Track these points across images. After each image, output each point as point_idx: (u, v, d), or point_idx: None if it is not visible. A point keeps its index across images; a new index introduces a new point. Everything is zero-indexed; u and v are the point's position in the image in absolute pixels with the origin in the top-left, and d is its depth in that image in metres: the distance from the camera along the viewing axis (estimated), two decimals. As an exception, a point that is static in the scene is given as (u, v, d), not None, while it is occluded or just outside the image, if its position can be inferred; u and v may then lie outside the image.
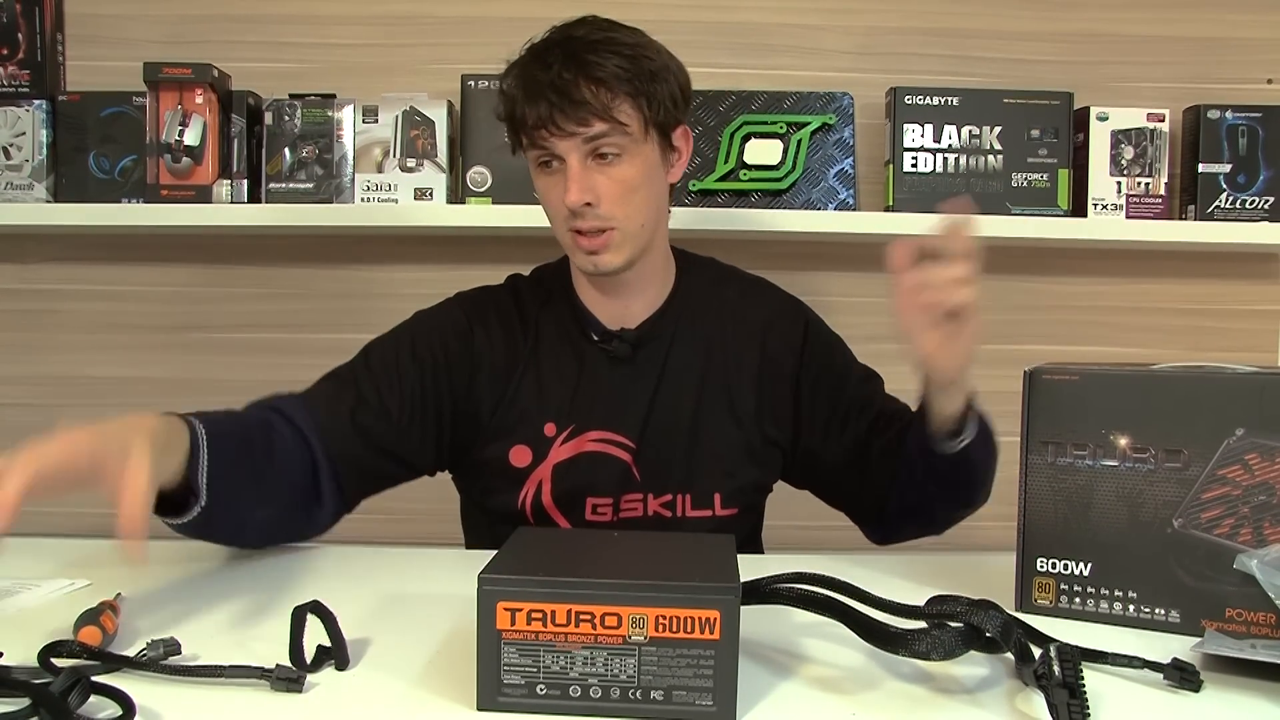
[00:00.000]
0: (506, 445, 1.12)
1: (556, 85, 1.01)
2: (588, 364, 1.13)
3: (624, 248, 1.07)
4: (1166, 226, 1.66)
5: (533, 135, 1.04)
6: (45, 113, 1.62)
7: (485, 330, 1.14)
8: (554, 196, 1.06)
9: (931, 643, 0.66)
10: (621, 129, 1.03)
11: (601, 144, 1.03)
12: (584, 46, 1.02)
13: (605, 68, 1.01)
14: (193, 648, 0.74)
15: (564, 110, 1.01)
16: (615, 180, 1.04)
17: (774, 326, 1.19)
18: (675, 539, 0.79)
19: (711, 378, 1.15)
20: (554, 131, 1.02)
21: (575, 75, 1.01)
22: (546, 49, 1.04)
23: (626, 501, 1.12)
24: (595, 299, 1.15)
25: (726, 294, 1.20)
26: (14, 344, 1.79)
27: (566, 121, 1.01)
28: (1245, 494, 0.78)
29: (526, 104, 1.03)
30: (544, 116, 1.01)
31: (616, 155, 1.04)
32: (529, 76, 1.03)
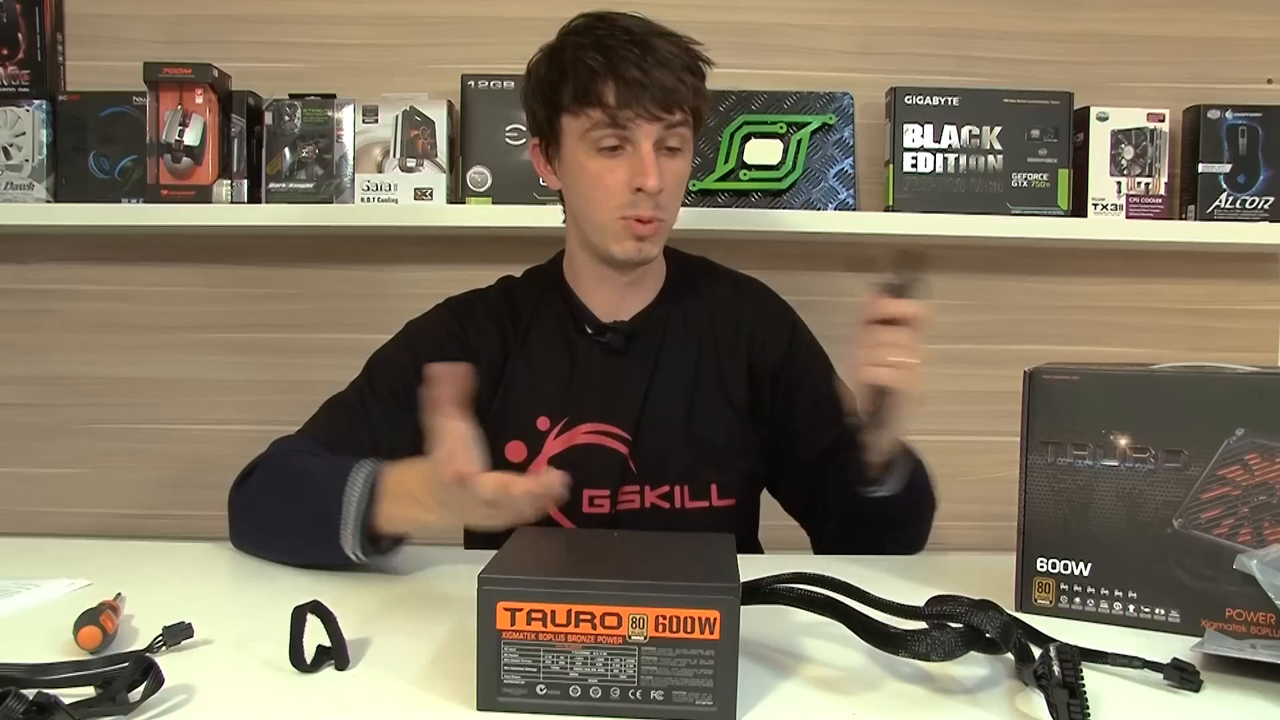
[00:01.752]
0: (501, 441, 1.12)
1: (643, 66, 1.00)
2: (580, 356, 1.14)
3: (662, 239, 1.10)
4: (1166, 226, 1.66)
5: (615, 114, 1.01)
6: (45, 113, 1.62)
7: (476, 327, 1.15)
8: (613, 180, 1.04)
9: (931, 643, 0.66)
10: (688, 123, 1.05)
11: (672, 134, 1.04)
12: (650, 34, 1.02)
13: (680, 60, 1.02)
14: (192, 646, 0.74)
15: (654, 94, 1.00)
16: (674, 173, 1.06)
17: (764, 324, 1.20)
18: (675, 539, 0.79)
19: (705, 369, 1.16)
20: (640, 113, 1.01)
21: (660, 62, 1.00)
22: (609, 33, 1.02)
23: (624, 493, 1.13)
24: (591, 292, 1.15)
25: (718, 289, 1.21)
26: (14, 344, 1.78)
27: (655, 105, 1.01)
28: (1245, 494, 0.78)
29: (613, 79, 1.00)
30: (632, 96, 1.00)
31: (678, 149, 1.06)
32: (615, 55, 1.00)
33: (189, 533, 1.73)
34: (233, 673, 0.70)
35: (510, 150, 1.63)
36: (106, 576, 0.93)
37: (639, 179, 1.03)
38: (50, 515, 1.79)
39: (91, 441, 1.79)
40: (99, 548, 1.11)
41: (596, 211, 1.07)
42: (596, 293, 1.16)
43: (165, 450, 1.79)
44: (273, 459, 1.05)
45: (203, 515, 1.75)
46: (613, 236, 1.08)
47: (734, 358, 1.17)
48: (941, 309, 1.80)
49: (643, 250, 1.07)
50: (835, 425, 1.16)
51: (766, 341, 1.19)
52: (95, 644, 0.71)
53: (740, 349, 1.18)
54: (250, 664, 0.71)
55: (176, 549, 1.09)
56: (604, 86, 1.01)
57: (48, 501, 1.79)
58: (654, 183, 1.02)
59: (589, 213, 1.08)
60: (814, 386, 1.19)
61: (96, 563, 0.99)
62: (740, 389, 1.17)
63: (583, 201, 1.08)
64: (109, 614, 0.74)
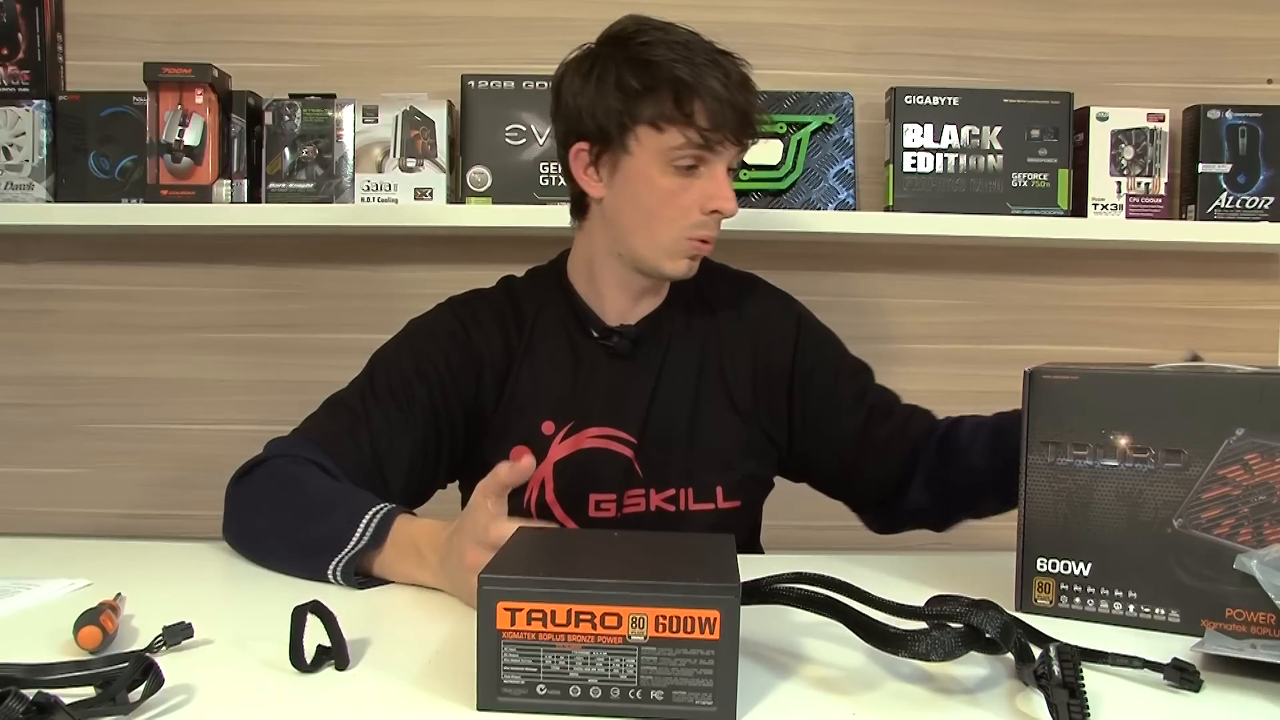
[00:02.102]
0: (506, 446, 1.12)
1: (729, 89, 1.01)
2: (585, 360, 1.13)
3: None
4: (1166, 226, 1.66)
5: (707, 135, 1.01)
6: (45, 113, 1.62)
7: (480, 330, 1.14)
8: (686, 200, 1.04)
9: (931, 643, 0.66)
10: None
11: (740, 158, 1.06)
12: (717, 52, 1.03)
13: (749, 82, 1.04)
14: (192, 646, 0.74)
15: (743, 121, 1.02)
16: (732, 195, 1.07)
17: (766, 323, 1.20)
18: (675, 539, 0.79)
19: (709, 372, 1.16)
20: (728, 138, 1.02)
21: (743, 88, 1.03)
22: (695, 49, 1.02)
23: (629, 497, 1.13)
24: (606, 297, 1.15)
25: (719, 290, 1.21)
26: (14, 344, 1.79)
27: (740, 130, 1.02)
28: (1245, 494, 0.78)
29: (709, 101, 1.00)
30: (727, 120, 1.01)
31: (734, 171, 1.07)
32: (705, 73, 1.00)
33: (189, 533, 1.73)
34: (233, 673, 0.70)
35: (510, 150, 1.63)
36: (106, 576, 0.93)
37: (716, 202, 1.03)
38: (50, 515, 1.79)
39: (91, 441, 1.79)
40: (99, 548, 1.11)
41: (661, 229, 1.06)
42: (610, 298, 1.14)
43: (165, 450, 1.79)
44: (279, 467, 1.02)
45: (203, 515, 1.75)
46: (668, 254, 1.07)
47: (738, 359, 1.17)
48: (941, 309, 1.80)
49: (693, 268, 1.10)
50: (860, 401, 1.18)
51: (772, 343, 1.18)
52: (95, 644, 0.71)
53: (745, 348, 1.17)
54: (250, 664, 0.71)
55: (176, 549, 1.09)
56: (697, 105, 1.00)
57: (48, 501, 1.79)
58: (732, 207, 1.04)
59: (652, 229, 1.06)
60: (833, 372, 1.20)
61: (96, 563, 0.99)
62: (745, 390, 1.17)
63: (645, 217, 1.06)
64: (109, 614, 0.74)
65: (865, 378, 1.22)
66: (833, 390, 1.18)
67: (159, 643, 0.72)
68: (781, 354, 1.18)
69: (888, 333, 1.79)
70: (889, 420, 1.18)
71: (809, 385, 1.18)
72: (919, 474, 1.16)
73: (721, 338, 1.17)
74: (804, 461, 1.21)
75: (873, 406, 1.18)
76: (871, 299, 1.79)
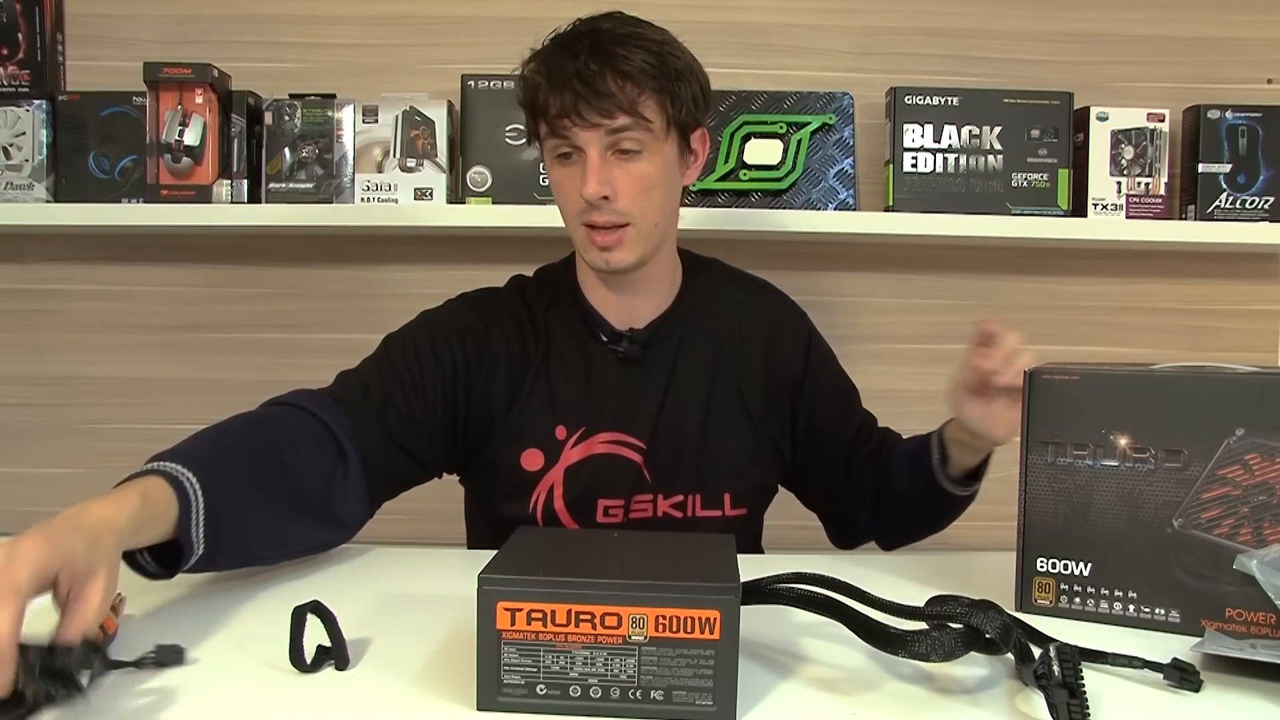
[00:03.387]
0: (518, 449, 1.11)
1: (583, 75, 0.99)
2: (596, 365, 1.13)
3: (636, 246, 1.06)
4: (1166, 226, 1.66)
5: (555, 124, 1.02)
6: (45, 113, 1.62)
7: (501, 331, 1.13)
8: (570, 188, 1.05)
9: (931, 644, 0.66)
10: (644, 125, 1.02)
11: (623, 138, 1.02)
12: (611, 39, 1.01)
13: (632, 61, 1.00)
14: (193, 648, 0.74)
15: (589, 100, 0.99)
16: (634, 176, 1.03)
17: (780, 333, 1.20)
18: (675, 539, 0.79)
19: (721, 378, 1.15)
20: (577, 121, 1.01)
21: (602, 67, 1.00)
22: (573, 39, 1.03)
23: (637, 503, 1.12)
24: (603, 299, 1.14)
25: (734, 295, 1.20)
26: (14, 344, 1.79)
27: (590, 112, 1.00)
28: (1245, 494, 0.78)
29: (551, 92, 1.01)
30: (568, 105, 1.00)
31: (637, 151, 1.03)
32: (555, 64, 1.02)
33: (189, 533, 1.73)
34: (233, 673, 0.70)
35: (510, 150, 1.63)
36: (106, 576, 0.93)
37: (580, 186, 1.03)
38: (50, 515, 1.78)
39: (91, 441, 1.79)
40: (99, 548, 1.10)
41: (565, 218, 1.09)
42: (606, 300, 1.14)
43: (165, 450, 1.78)
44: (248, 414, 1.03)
45: (203, 515, 1.75)
46: (581, 245, 1.09)
47: (751, 365, 1.17)
48: (941, 309, 1.80)
49: (610, 260, 1.05)
50: (851, 420, 1.23)
51: (784, 352, 1.19)
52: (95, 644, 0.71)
53: (758, 356, 1.17)
54: (250, 664, 0.71)
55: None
56: (548, 97, 1.02)
57: (48, 501, 1.79)
58: (590, 189, 1.01)
59: (564, 219, 1.09)
60: (832, 391, 1.23)
61: (96, 563, 0.99)
62: (756, 397, 1.16)
63: (559, 207, 1.10)
64: (109, 614, 0.74)
65: (856, 399, 1.26)
66: (833, 406, 1.22)
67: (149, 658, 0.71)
68: (793, 364, 1.19)
69: (887, 333, 1.79)
70: (870, 441, 1.22)
71: (815, 399, 1.20)
72: None
73: (735, 342, 1.16)
74: (799, 473, 1.23)
75: (861, 425, 1.23)
76: (871, 299, 1.79)
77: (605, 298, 1.14)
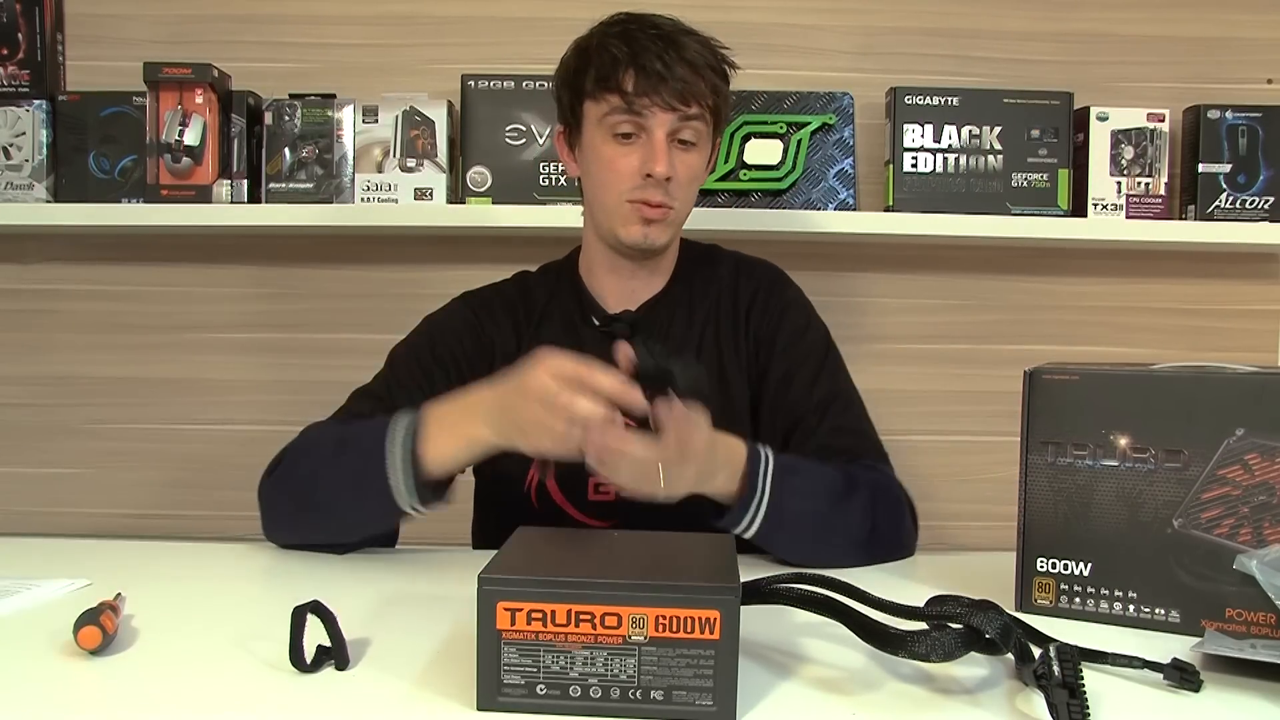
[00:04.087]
0: None
1: (665, 59, 1.03)
2: (587, 347, 1.14)
3: (671, 228, 1.11)
4: (1166, 226, 1.66)
5: (632, 101, 1.04)
6: (45, 113, 1.62)
7: (492, 319, 1.17)
8: (625, 165, 1.07)
9: (931, 644, 0.66)
10: (705, 117, 1.07)
11: (686, 127, 1.06)
12: (676, 32, 1.06)
13: (703, 55, 1.05)
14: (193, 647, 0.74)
15: (670, 84, 1.03)
16: (686, 165, 1.08)
17: (757, 298, 1.20)
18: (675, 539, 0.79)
19: (706, 354, 1.17)
20: (656, 101, 1.04)
21: (678, 56, 1.03)
22: (638, 28, 1.05)
23: None
24: (604, 283, 1.17)
25: (721, 273, 1.22)
26: (14, 344, 1.79)
27: (672, 95, 1.03)
28: (1245, 494, 0.78)
29: (634, 68, 1.03)
30: (650, 85, 1.03)
31: (693, 143, 1.08)
32: (639, 41, 1.04)
33: (189, 533, 1.73)
34: (233, 672, 0.70)
35: (510, 150, 1.63)
36: (106, 576, 0.93)
37: (649, 164, 1.05)
38: (50, 515, 1.79)
39: (91, 441, 1.79)
40: (99, 548, 1.11)
41: (608, 195, 1.10)
42: (608, 284, 1.17)
43: (165, 450, 1.79)
44: (303, 437, 1.07)
45: (203, 515, 1.75)
46: (620, 220, 1.10)
47: (732, 336, 1.18)
48: (941, 309, 1.80)
49: (649, 236, 1.09)
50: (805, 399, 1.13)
51: (756, 315, 1.19)
52: (95, 644, 0.71)
53: (738, 326, 1.19)
54: (250, 664, 0.71)
55: (176, 549, 1.09)
56: (624, 74, 1.04)
57: (48, 501, 1.79)
58: (662, 168, 1.04)
59: (601, 197, 1.11)
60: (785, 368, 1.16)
61: (96, 563, 0.99)
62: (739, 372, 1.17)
63: (596, 185, 1.11)
64: (109, 614, 0.74)
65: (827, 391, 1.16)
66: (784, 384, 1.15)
67: None
68: (763, 326, 1.18)
69: (888, 333, 1.79)
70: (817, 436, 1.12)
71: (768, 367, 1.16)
72: None
73: (721, 320, 1.18)
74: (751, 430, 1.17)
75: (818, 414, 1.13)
76: (871, 299, 1.79)
77: (606, 281, 1.17)
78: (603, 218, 1.12)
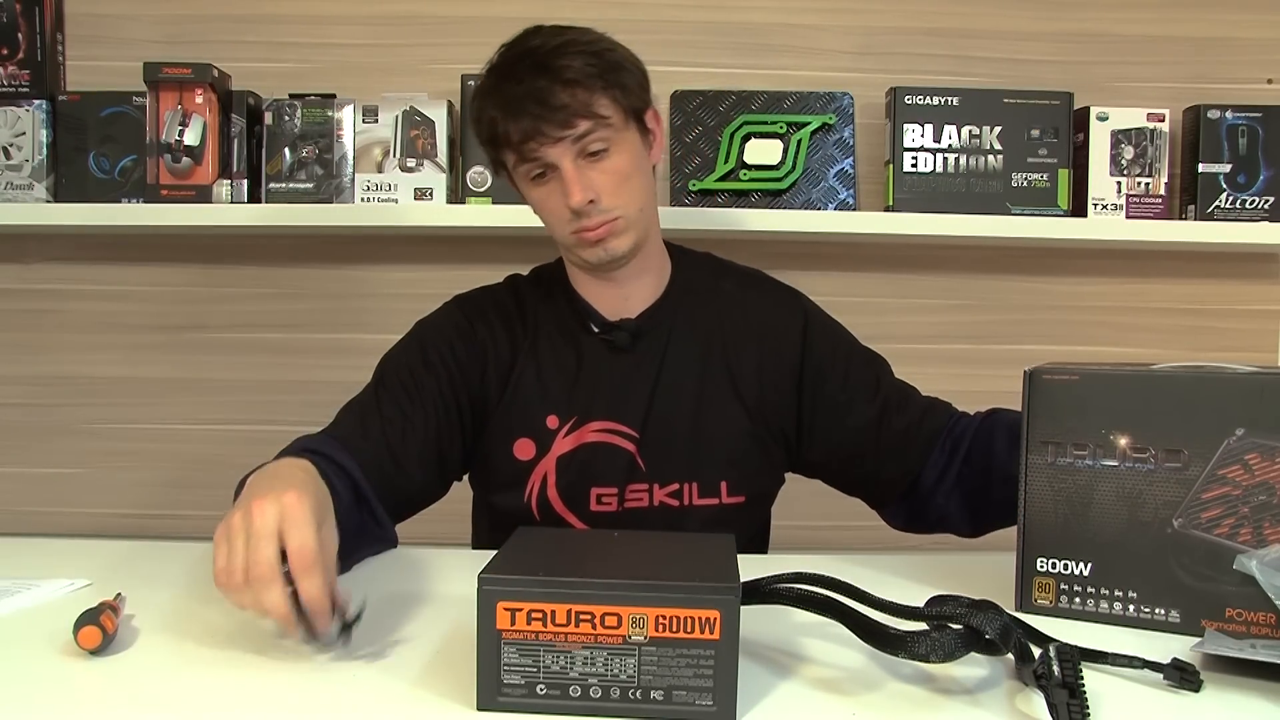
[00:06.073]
0: (511, 439, 1.13)
1: (534, 95, 1.02)
2: (587, 355, 1.14)
3: (629, 232, 1.09)
4: (1166, 226, 1.66)
5: (522, 149, 1.05)
6: (45, 113, 1.62)
7: (486, 325, 1.16)
8: (553, 204, 1.07)
9: (931, 645, 0.66)
10: (604, 123, 1.04)
11: (589, 141, 1.04)
12: (547, 54, 1.04)
13: (574, 68, 1.03)
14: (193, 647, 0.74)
15: (546, 117, 1.02)
16: (609, 173, 1.06)
17: (772, 318, 1.19)
18: (675, 539, 0.79)
19: (713, 366, 1.16)
20: (543, 141, 1.03)
21: (550, 82, 1.02)
22: (510, 65, 1.05)
23: (631, 492, 1.13)
24: (594, 291, 1.16)
25: (724, 285, 1.21)
26: (14, 344, 1.79)
27: (552, 128, 1.02)
28: (1245, 494, 0.78)
29: (510, 121, 1.04)
30: (529, 129, 1.03)
31: (605, 150, 1.06)
32: (504, 94, 1.04)
33: (189, 533, 1.73)
34: (232, 672, 0.70)
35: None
36: (106, 576, 0.93)
37: (568, 199, 1.05)
38: (50, 515, 1.79)
39: (91, 441, 1.79)
40: (99, 548, 1.11)
41: (554, 232, 1.11)
42: (598, 293, 1.16)
43: (165, 450, 1.79)
44: None
45: (203, 515, 1.75)
46: (574, 249, 1.10)
47: (744, 354, 1.17)
48: (941, 309, 1.80)
49: (609, 249, 1.08)
50: (877, 393, 1.17)
51: (779, 339, 1.18)
52: (95, 644, 0.71)
53: (751, 344, 1.17)
54: (250, 664, 0.71)
55: (176, 549, 1.09)
56: (508, 127, 1.04)
57: (48, 501, 1.79)
58: (577, 199, 1.04)
59: (551, 231, 1.12)
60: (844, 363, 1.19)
61: (96, 563, 0.99)
62: (750, 384, 1.16)
63: (543, 222, 1.12)
64: (109, 614, 0.74)
65: (878, 369, 1.21)
66: (845, 385, 1.18)
67: None
68: (789, 350, 1.18)
69: (888, 333, 1.78)
70: (904, 413, 1.17)
71: (820, 381, 1.17)
72: (945, 478, 1.14)
73: (725, 332, 1.17)
74: (817, 457, 1.20)
75: (886, 399, 1.17)
76: (871, 299, 1.79)
77: (597, 291, 1.16)
78: (562, 251, 1.14)
